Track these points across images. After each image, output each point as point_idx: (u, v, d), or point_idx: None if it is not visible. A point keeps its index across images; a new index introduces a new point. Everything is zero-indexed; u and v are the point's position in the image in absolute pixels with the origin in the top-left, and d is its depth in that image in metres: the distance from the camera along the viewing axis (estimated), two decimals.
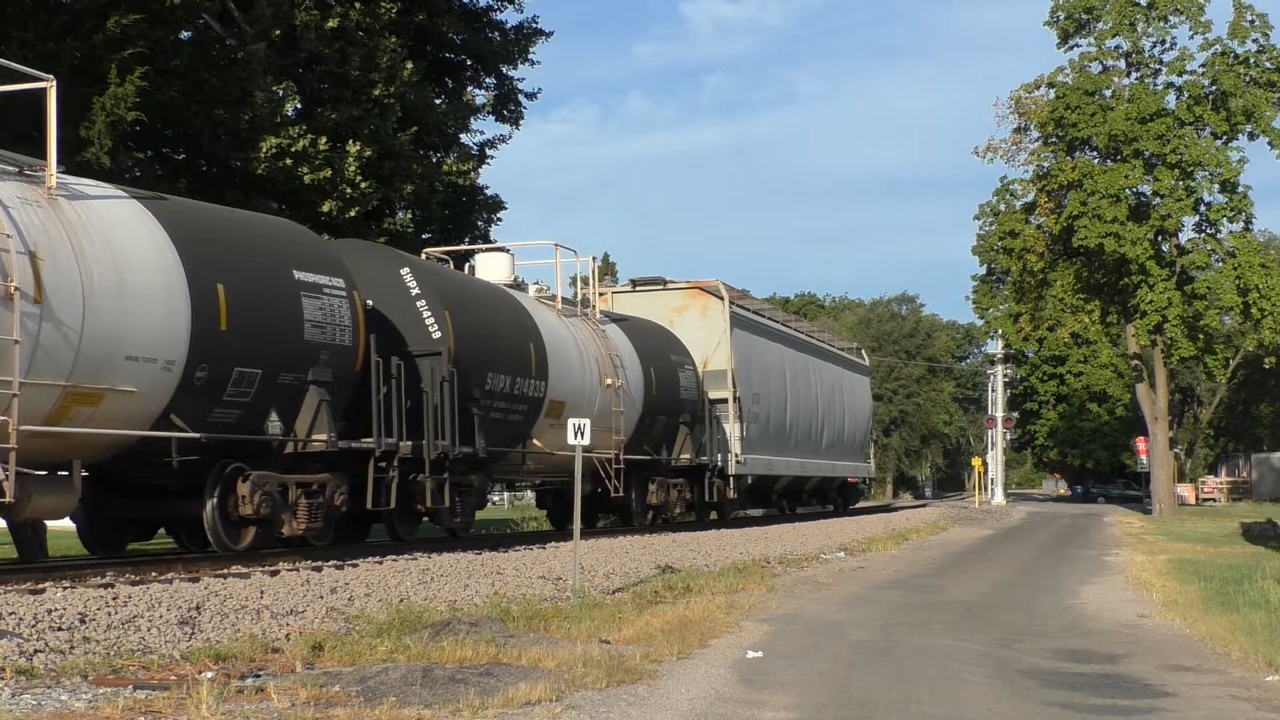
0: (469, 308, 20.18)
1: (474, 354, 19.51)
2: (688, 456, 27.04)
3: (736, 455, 29.34)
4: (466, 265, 23.94)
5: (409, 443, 18.13)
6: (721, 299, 29.96)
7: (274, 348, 15.82)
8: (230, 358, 15.19)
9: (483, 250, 24.51)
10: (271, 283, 16.08)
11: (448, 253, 24.65)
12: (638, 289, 30.63)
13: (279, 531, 16.40)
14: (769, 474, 32.98)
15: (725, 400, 29.19)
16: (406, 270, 19.30)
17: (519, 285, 23.19)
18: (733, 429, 29.25)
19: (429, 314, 18.98)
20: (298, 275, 16.49)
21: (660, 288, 30.45)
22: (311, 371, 16.32)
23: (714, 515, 31.21)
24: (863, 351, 49.83)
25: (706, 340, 29.22)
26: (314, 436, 16.46)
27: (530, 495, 38.97)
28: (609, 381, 23.22)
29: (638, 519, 26.03)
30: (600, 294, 28.15)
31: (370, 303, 17.96)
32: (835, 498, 44.35)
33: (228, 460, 15.68)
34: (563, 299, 24.42)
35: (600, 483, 23.69)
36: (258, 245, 16.52)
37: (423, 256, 22.99)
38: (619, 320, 26.13)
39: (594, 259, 26.01)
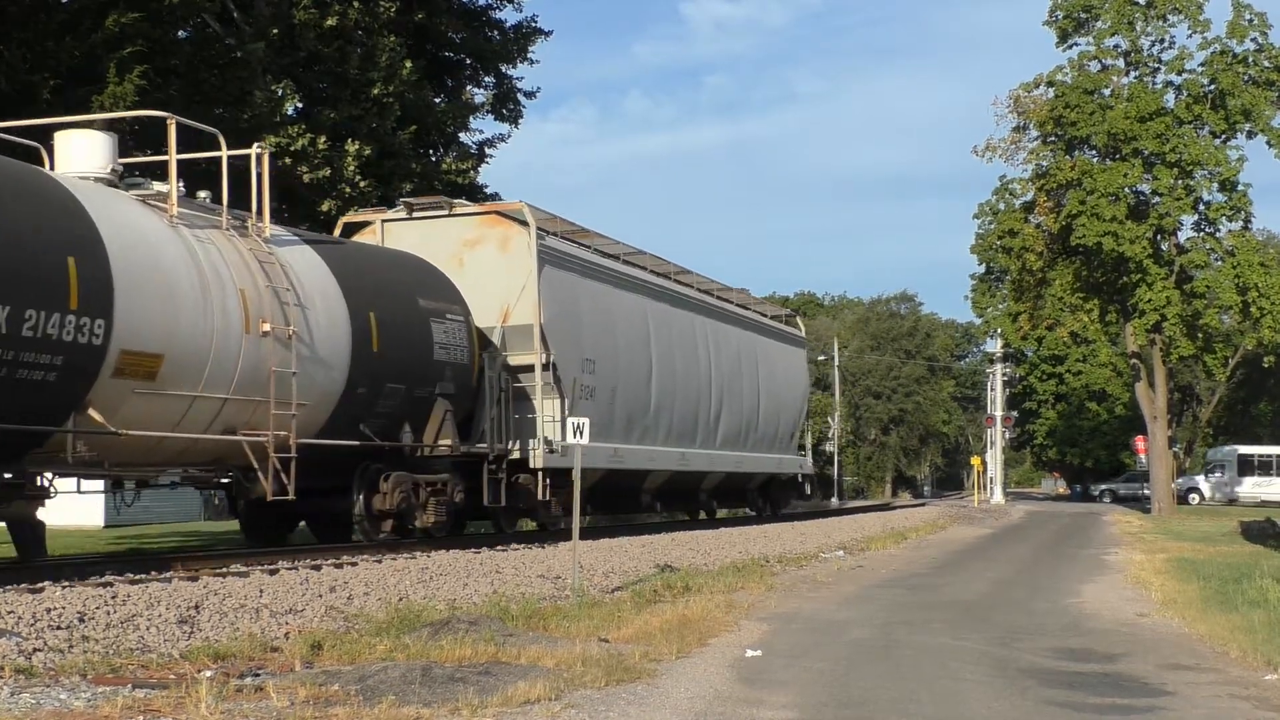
0: None
1: None
2: (448, 443, 19.53)
3: (551, 441, 21.82)
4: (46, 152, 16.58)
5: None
6: (526, 226, 22.22)
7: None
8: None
9: (65, 125, 16.52)
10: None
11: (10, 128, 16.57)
12: (415, 215, 22.84)
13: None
14: (618, 467, 24.77)
15: (532, 367, 21.89)
16: None
17: (118, 178, 16.07)
18: (544, 406, 21.98)
19: None
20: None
21: (444, 213, 22.85)
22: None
23: (531, 524, 24.00)
24: (797, 319, 41.03)
25: (508, 285, 21.88)
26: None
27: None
28: (267, 327, 16.07)
29: (364, 531, 18.87)
30: (364, 223, 23.22)
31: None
32: (757, 499, 36.28)
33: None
34: (208, 205, 16.99)
35: (279, 479, 16.51)
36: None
37: None
38: (317, 242, 18.85)
39: (258, 147, 17.47)
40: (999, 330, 61.43)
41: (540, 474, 21.88)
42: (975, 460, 71.33)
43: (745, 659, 10.32)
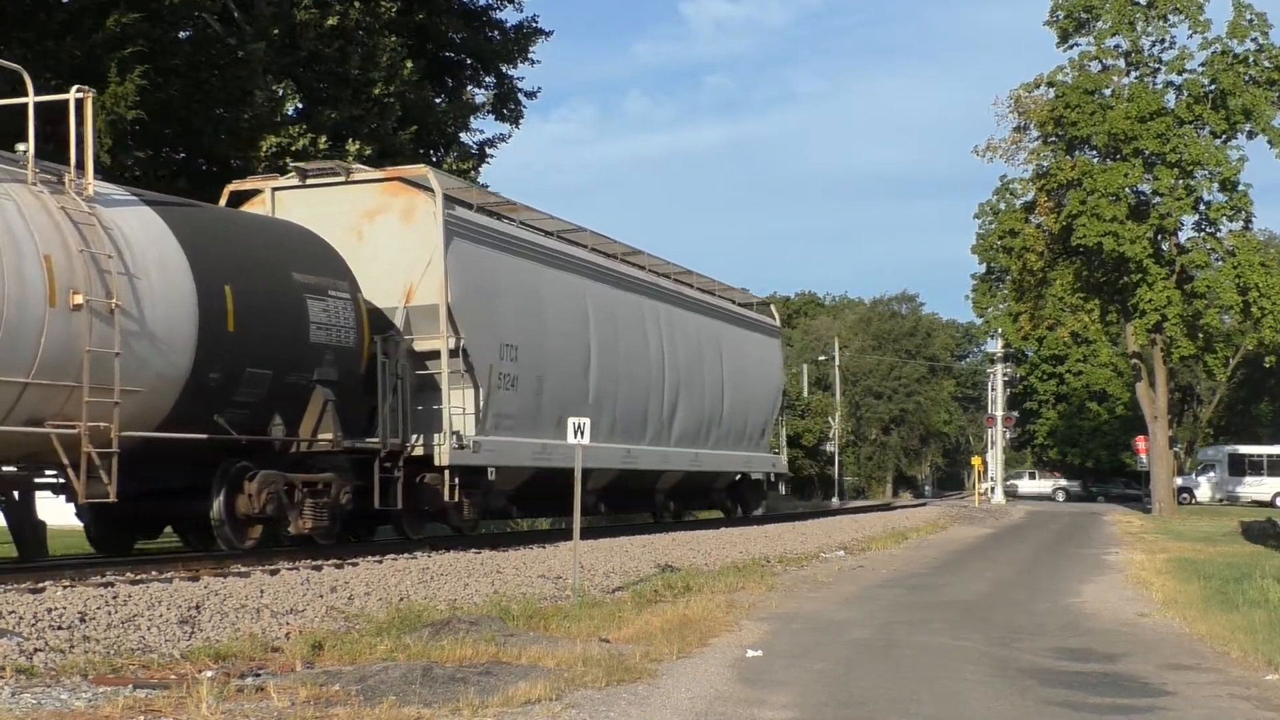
0: None
1: None
2: (329, 436, 16.95)
3: (461, 436, 19.60)
4: None
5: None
6: (431, 193, 19.75)
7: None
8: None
9: None
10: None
11: None
12: (310, 182, 20.24)
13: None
14: (547, 465, 21.95)
15: (439, 353, 19.55)
16: None
17: None
18: (452, 397, 19.62)
19: None
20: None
21: (341, 180, 20.24)
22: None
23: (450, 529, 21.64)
24: (771, 307, 37.55)
25: (412, 260, 19.51)
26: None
27: None
28: (80, 299, 13.59)
29: (224, 538, 16.15)
30: (253, 191, 20.57)
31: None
32: (724, 500, 33.68)
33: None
34: (12, 156, 14.40)
35: (99, 479, 14.17)
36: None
37: None
38: (161, 204, 16.14)
39: (78, 91, 14.91)
40: (999, 330, 61.45)
41: (447, 473, 19.40)
42: (976, 460, 71.32)
43: (746, 659, 10.32)
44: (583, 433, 14.49)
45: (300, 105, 30.04)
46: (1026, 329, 54.43)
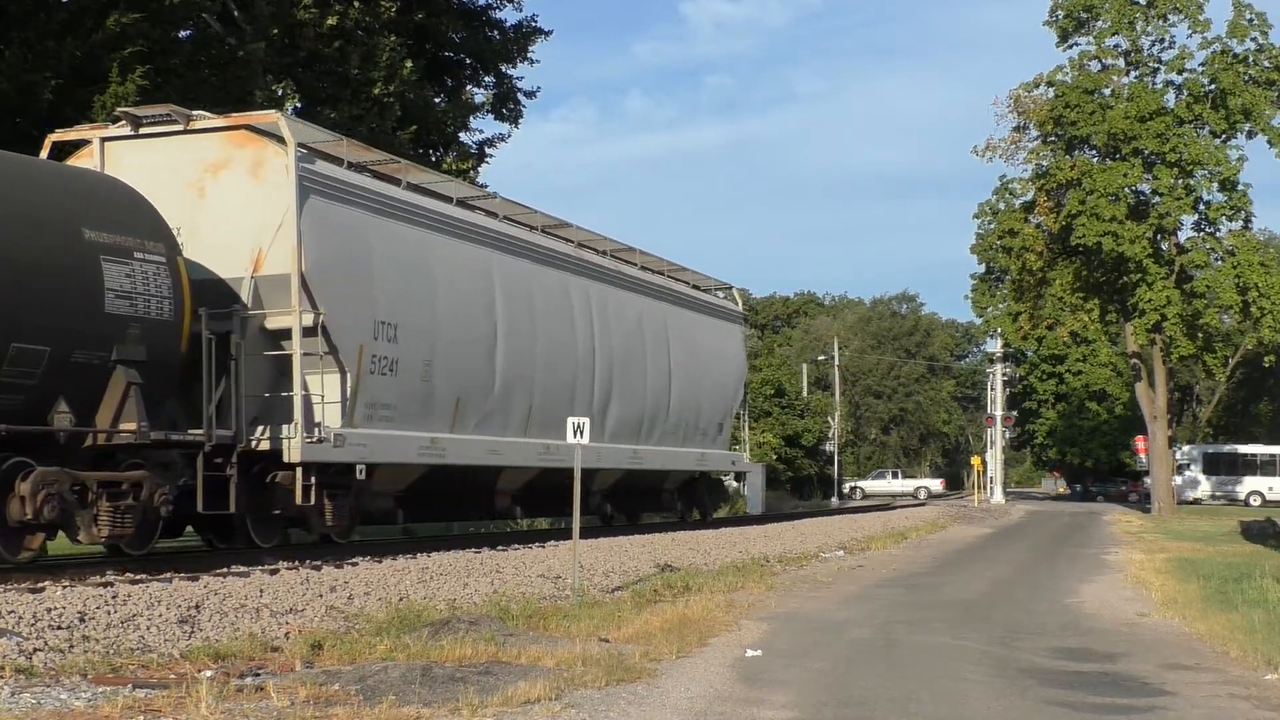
0: None
1: None
2: (131, 427, 14.26)
3: (321, 428, 16.90)
4: None
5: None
6: (283, 143, 16.99)
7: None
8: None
9: None
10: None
11: None
12: (144, 131, 17.38)
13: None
14: (439, 462, 19.69)
15: (291, 331, 16.69)
16: None
17: None
18: (307, 382, 16.78)
19: None
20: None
21: (180, 128, 17.30)
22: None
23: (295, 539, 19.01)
24: (734, 291, 34.02)
25: (262, 222, 16.75)
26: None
27: None
28: None
29: None
30: (80, 142, 17.72)
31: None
32: (675, 501, 30.42)
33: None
34: None
35: None
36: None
37: None
38: None
39: None
40: (999, 330, 61.43)
41: (300, 471, 16.53)
42: (975, 460, 71.36)
43: (745, 659, 10.33)
44: (582, 432, 14.46)
45: (300, 105, 30.06)
46: (1026, 329, 54.43)
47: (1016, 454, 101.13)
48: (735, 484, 38.69)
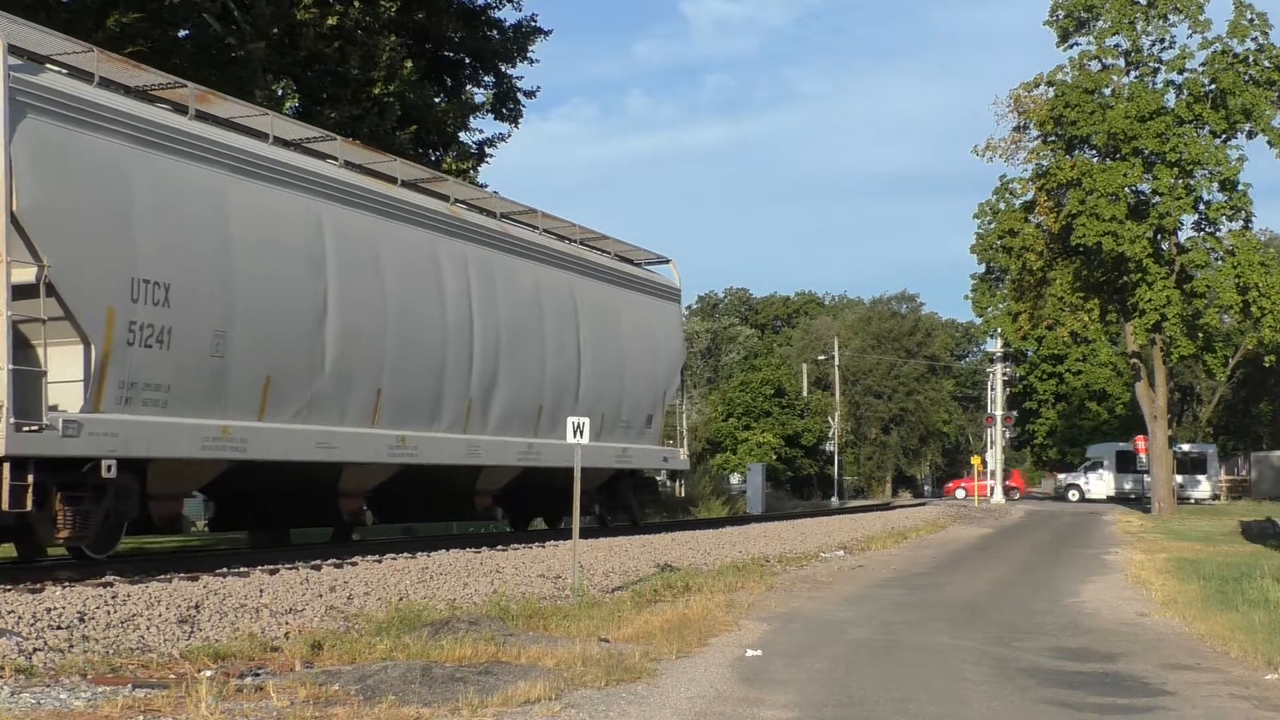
0: None
1: None
2: None
3: (50, 413, 13.65)
4: None
5: None
6: None
7: None
8: None
9: None
10: None
11: None
12: None
13: None
14: (240, 458, 16.38)
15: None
16: None
17: None
18: (29, 355, 13.66)
19: None
20: None
21: None
22: None
23: None
24: (671, 264, 29.59)
25: None
26: None
27: None
28: None
29: None
30: None
31: None
32: (593, 504, 26.17)
33: None
34: None
35: None
36: None
37: None
38: None
39: None
40: (999, 330, 61.43)
41: (8, 468, 13.12)
42: (975, 460, 71.39)
43: (745, 659, 10.32)
44: (582, 432, 14.44)
45: (299, 105, 30.05)
46: (1026, 329, 54.40)
47: (1017, 454, 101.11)
48: (670, 483, 35.50)
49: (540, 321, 23.27)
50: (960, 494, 71.59)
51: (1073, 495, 68.89)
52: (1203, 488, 67.72)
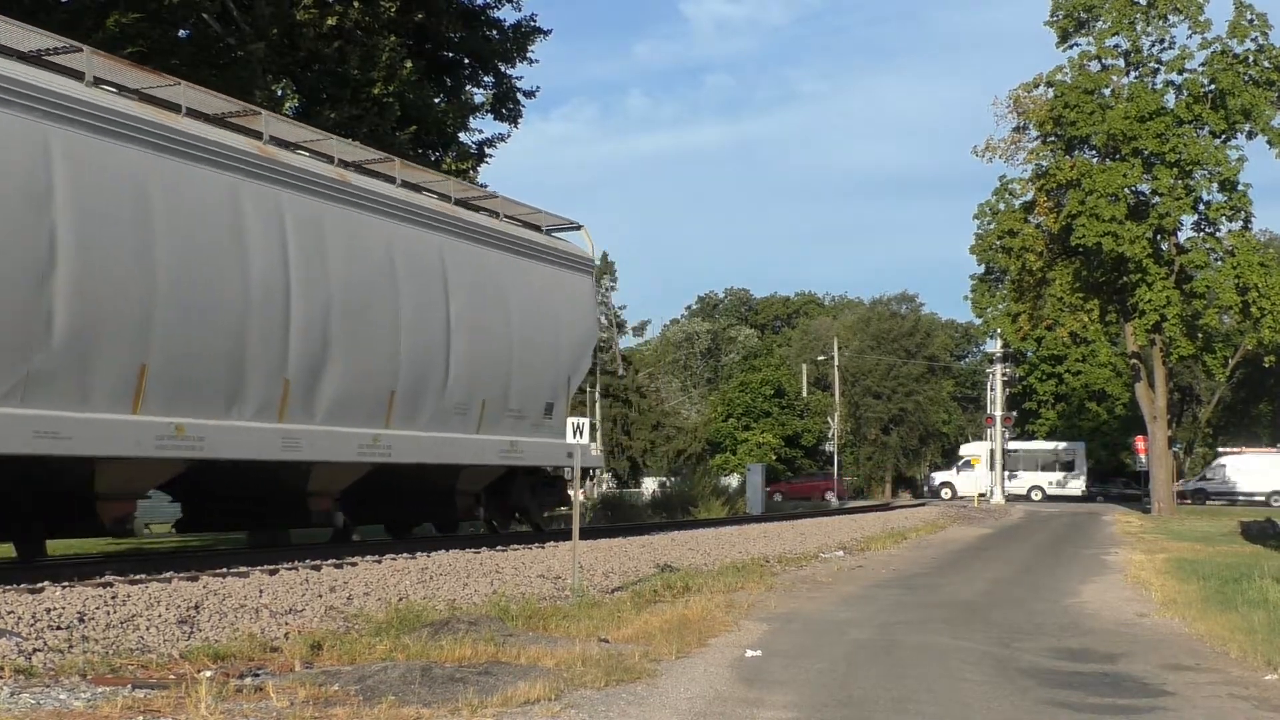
0: None
1: None
2: None
3: None
4: None
5: None
6: None
7: None
8: None
9: None
10: None
11: None
12: None
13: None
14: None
15: None
16: None
17: None
18: None
19: None
20: None
21: None
22: None
23: None
24: (583, 230, 25.68)
25: None
26: None
27: None
28: None
29: None
30: None
31: None
32: (475, 506, 22.53)
33: None
34: None
35: None
36: None
37: None
38: None
39: None
40: (999, 330, 61.48)
41: None
42: (975, 460, 71.43)
43: (745, 659, 10.32)
44: (582, 432, 14.44)
45: (299, 105, 30.06)
46: (1025, 329, 54.44)
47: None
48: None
49: (394, 290, 19.43)
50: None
51: (945, 493, 71.05)
52: (1072, 486, 71.40)
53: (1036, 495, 70.46)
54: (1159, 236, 48.04)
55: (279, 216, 17.31)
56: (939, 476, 74.74)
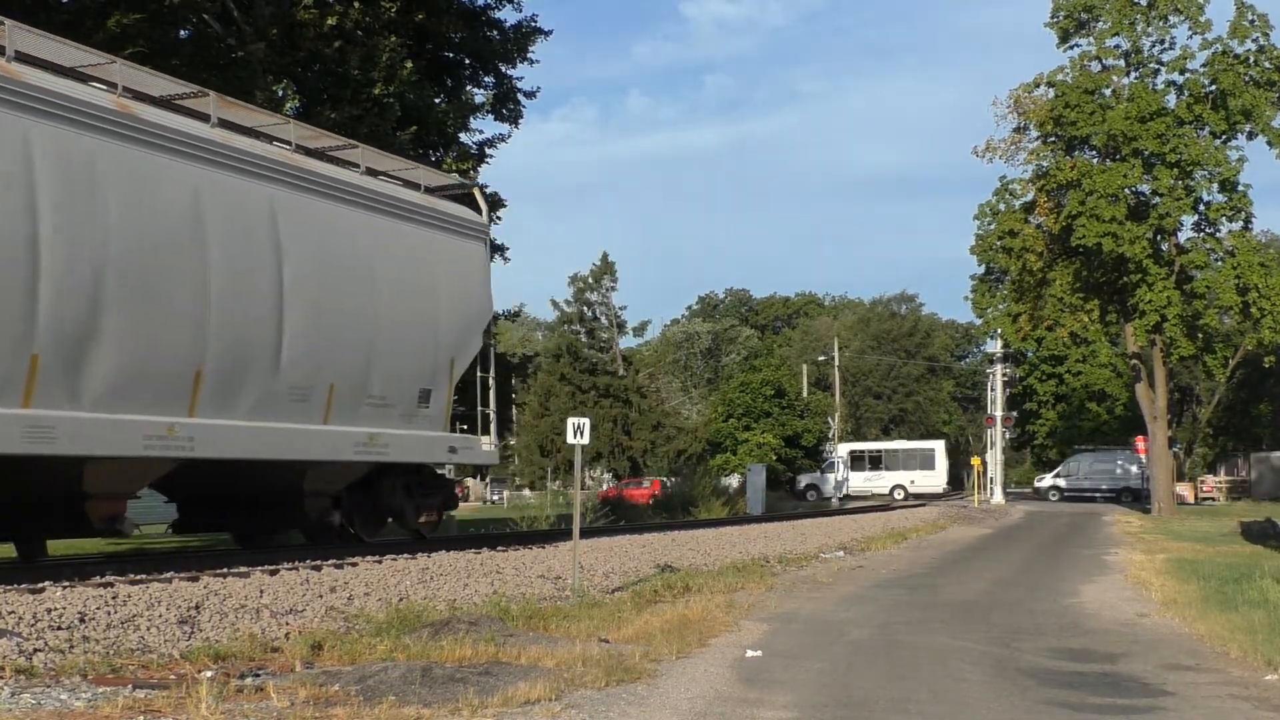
0: None
1: None
2: None
3: None
4: None
5: None
6: None
7: None
8: None
9: None
10: None
11: None
12: None
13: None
14: None
15: None
16: None
17: None
18: None
19: None
20: None
21: None
22: None
23: None
24: (476, 193, 23.30)
25: None
26: None
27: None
28: None
29: None
30: None
31: None
32: (330, 510, 19.21)
33: None
34: None
35: None
36: None
37: None
38: None
39: None
40: (999, 331, 61.48)
41: None
42: (975, 460, 71.42)
43: (745, 659, 10.32)
44: (582, 432, 14.44)
45: (299, 105, 30.05)
46: (1026, 329, 54.41)
47: (1017, 454, 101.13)
48: (474, 479, 27.55)
49: (201, 248, 16.09)
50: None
51: (811, 495, 71.71)
52: (933, 480, 72.62)
53: (899, 494, 70.74)
54: (1159, 237, 48.02)
55: (24, 153, 13.95)
56: (805, 478, 74.62)
